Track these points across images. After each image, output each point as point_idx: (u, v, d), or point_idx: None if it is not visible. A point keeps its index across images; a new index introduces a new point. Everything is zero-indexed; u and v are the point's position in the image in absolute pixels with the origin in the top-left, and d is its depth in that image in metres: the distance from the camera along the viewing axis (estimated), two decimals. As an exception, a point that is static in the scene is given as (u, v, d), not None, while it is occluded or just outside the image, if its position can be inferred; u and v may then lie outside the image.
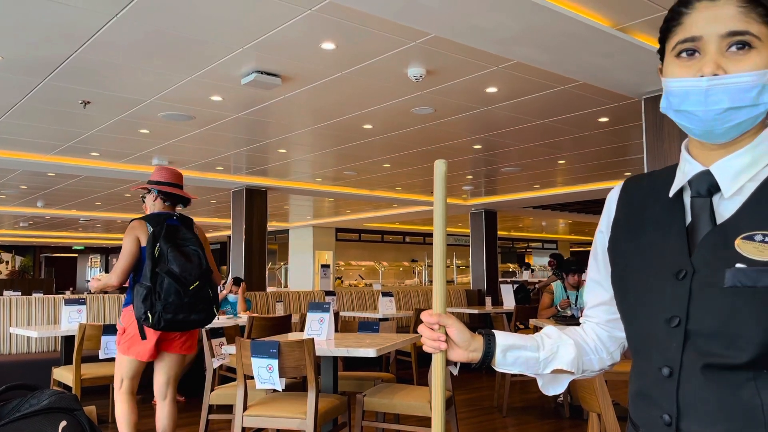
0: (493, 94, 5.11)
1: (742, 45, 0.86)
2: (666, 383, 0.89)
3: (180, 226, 3.34)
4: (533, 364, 1.07)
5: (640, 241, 0.97)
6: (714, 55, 0.87)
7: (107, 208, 13.01)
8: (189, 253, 3.25)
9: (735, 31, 0.86)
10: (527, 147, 7.17)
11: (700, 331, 0.86)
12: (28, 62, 4.36)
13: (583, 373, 1.10)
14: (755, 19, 0.86)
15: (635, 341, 0.98)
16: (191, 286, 3.20)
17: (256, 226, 9.03)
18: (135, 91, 5.04)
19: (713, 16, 0.87)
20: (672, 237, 0.92)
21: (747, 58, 0.86)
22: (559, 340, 1.09)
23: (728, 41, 0.86)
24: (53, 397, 1.50)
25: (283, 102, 5.31)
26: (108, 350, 4.52)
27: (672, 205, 0.95)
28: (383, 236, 18.70)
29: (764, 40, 0.86)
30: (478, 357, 1.05)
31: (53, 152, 7.29)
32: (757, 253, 0.82)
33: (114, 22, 3.69)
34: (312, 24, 3.73)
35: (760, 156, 0.90)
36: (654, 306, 0.91)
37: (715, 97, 0.86)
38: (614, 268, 1.02)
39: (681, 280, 0.88)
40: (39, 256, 25.16)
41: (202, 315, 3.27)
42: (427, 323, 1.04)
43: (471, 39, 3.70)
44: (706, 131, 0.90)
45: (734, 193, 0.89)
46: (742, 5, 0.87)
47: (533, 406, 5.67)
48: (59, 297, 6.38)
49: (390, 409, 3.46)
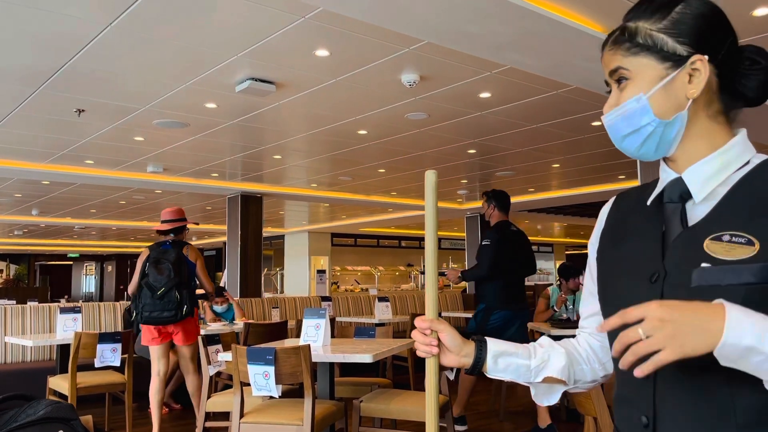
0: (487, 99, 5.14)
1: (621, 79, 0.98)
2: (643, 386, 0.91)
3: (169, 250, 4.51)
4: (524, 372, 1.09)
5: (622, 250, 1.00)
6: (613, 94, 1.00)
7: (102, 216, 12.98)
8: (162, 269, 4.42)
9: (611, 71, 0.99)
10: (521, 151, 7.20)
11: None
12: (23, 71, 4.37)
13: (575, 384, 1.11)
14: (622, 54, 0.97)
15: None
16: (158, 291, 4.37)
17: (252, 232, 9.03)
18: (129, 99, 5.05)
19: (603, 63, 1.02)
20: (648, 243, 0.95)
21: (625, 90, 0.97)
22: (551, 349, 1.10)
23: (614, 79, 0.99)
24: (50, 407, 1.50)
25: (278, 109, 5.32)
26: (104, 358, 4.50)
27: (651, 212, 0.99)
28: (379, 241, 18.70)
29: (635, 69, 0.96)
30: (470, 362, 1.07)
31: (48, 160, 7.28)
32: (725, 252, 0.85)
33: (108, 31, 3.70)
34: (306, 31, 3.75)
35: (730, 161, 0.94)
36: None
37: (614, 128, 0.99)
38: (599, 276, 1.06)
39: (654, 284, 0.91)
40: (34, 264, 25.06)
41: (171, 313, 4.39)
42: (420, 328, 1.06)
43: (464, 45, 3.73)
44: (633, 156, 1.01)
45: (705, 197, 0.93)
46: (611, 47, 1.00)
47: (530, 410, 5.67)
48: (54, 305, 6.36)
49: (387, 415, 3.46)
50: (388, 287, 17.38)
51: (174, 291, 4.39)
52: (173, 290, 4.39)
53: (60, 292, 21.58)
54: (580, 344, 1.14)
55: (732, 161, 0.94)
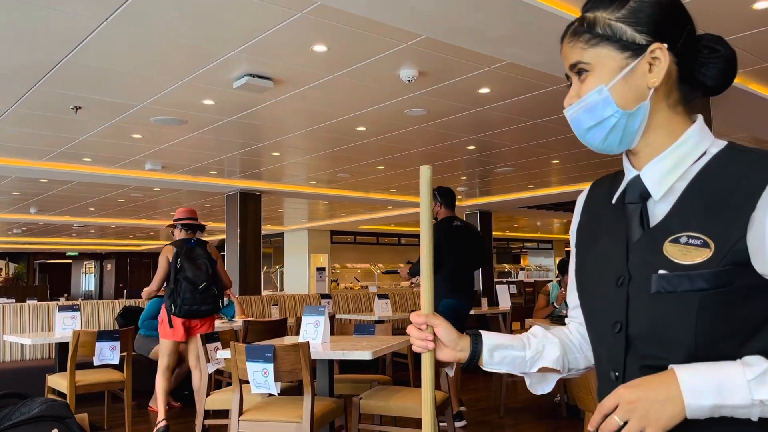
0: (486, 94, 5.12)
1: (581, 71, 0.97)
2: (614, 386, 0.92)
3: (195, 247, 4.76)
4: (520, 363, 1.09)
5: (595, 248, 1.02)
6: (573, 88, 0.99)
7: (101, 214, 12.95)
8: (199, 265, 4.66)
9: (571, 65, 0.98)
10: (521, 147, 7.18)
11: (638, 336, 0.91)
12: (18, 68, 4.34)
13: (569, 372, 1.12)
14: (581, 47, 0.96)
15: (592, 345, 1.04)
16: (200, 286, 4.61)
17: (251, 230, 9.01)
18: (126, 96, 5.02)
19: (563, 55, 1.01)
20: (615, 244, 0.97)
21: (587, 82, 0.96)
22: (545, 339, 1.11)
23: (575, 72, 0.98)
24: (44, 406, 1.49)
25: (276, 105, 5.30)
26: (102, 356, 4.48)
27: (617, 211, 1.00)
28: (378, 238, 18.69)
29: (594, 61, 0.95)
30: (466, 356, 1.07)
31: (45, 158, 7.25)
32: (682, 256, 0.87)
33: (103, 27, 3.67)
34: (303, 26, 3.73)
35: (687, 153, 0.94)
36: (602, 312, 0.97)
37: (576, 121, 0.98)
38: (576, 272, 1.08)
39: (620, 287, 0.93)
40: (33, 263, 25.04)
41: (210, 306, 4.67)
42: (416, 323, 1.06)
43: (462, 40, 3.70)
44: (597, 149, 1.00)
45: (665, 194, 0.93)
46: (569, 40, 0.98)
47: (530, 406, 5.66)
48: (53, 303, 6.34)
49: (386, 412, 3.45)
50: (387, 284, 17.38)
51: (213, 286, 4.67)
52: (212, 285, 4.67)
53: (59, 291, 21.57)
54: (572, 333, 1.15)
55: (689, 153, 0.93)
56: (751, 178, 0.86)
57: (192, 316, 4.63)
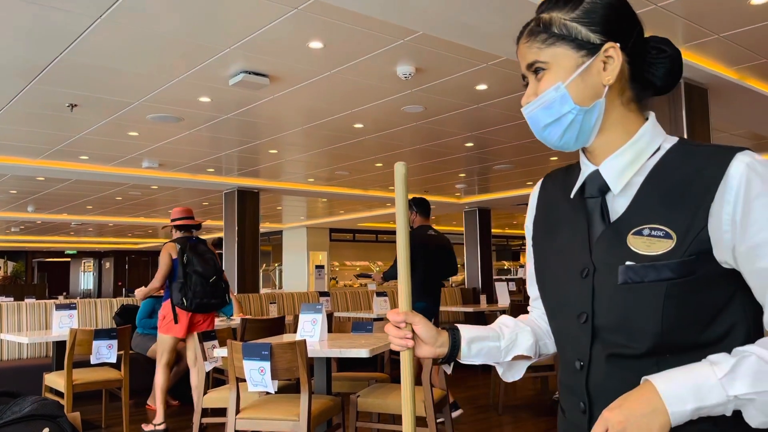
0: (484, 91, 5.10)
1: (538, 70, 0.99)
2: (579, 375, 0.97)
3: (198, 243, 4.90)
4: (495, 353, 1.11)
5: (555, 241, 1.05)
6: (529, 87, 1.01)
7: (99, 212, 12.93)
8: (207, 259, 4.79)
9: (528, 64, 1.00)
10: (519, 144, 7.17)
11: (605, 326, 0.94)
12: (13, 66, 4.32)
13: (539, 357, 1.16)
14: (538, 47, 0.98)
15: (555, 336, 1.07)
16: (210, 279, 4.72)
17: (249, 228, 8.99)
18: (122, 94, 5.00)
19: (520, 56, 1.03)
20: (577, 237, 1.00)
21: (543, 80, 0.98)
22: (517, 328, 1.14)
23: (531, 71, 1.00)
24: (35, 404, 1.47)
25: (272, 102, 5.28)
26: (99, 355, 4.47)
27: (576, 204, 1.03)
28: (377, 236, 18.67)
29: (551, 60, 0.97)
30: (445, 351, 1.08)
31: (42, 156, 7.23)
32: (645, 247, 0.90)
33: (98, 24, 3.65)
34: (299, 23, 3.71)
35: (642, 149, 0.97)
36: (567, 304, 1.00)
37: (534, 119, 1.00)
38: (536, 264, 1.10)
39: (585, 279, 0.96)
40: (31, 261, 25.02)
41: (219, 299, 4.79)
42: (394, 322, 1.06)
43: (459, 36, 3.69)
44: (554, 146, 1.01)
45: (623, 188, 0.97)
46: (526, 40, 1.01)
47: (529, 404, 5.66)
48: (51, 302, 6.33)
49: (384, 410, 3.44)
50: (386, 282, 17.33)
51: (220, 279, 4.82)
52: (220, 279, 4.82)
53: (58, 289, 21.54)
54: (539, 318, 1.18)
55: (644, 149, 0.97)
56: (707, 172, 0.89)
57: (203, 309, 4.72)
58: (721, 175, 0.88)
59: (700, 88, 4.62)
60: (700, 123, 4.56)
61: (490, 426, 4.89)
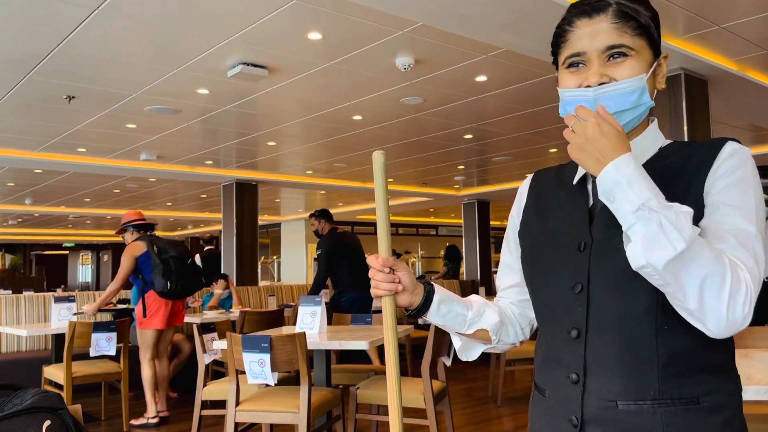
0: (483, 83, 5.08)
1: (619, 55, 0.99)
2: (574, 344, 0.99)
3: (159, 237, 5.03)
4: (460, 321, 1.13)
5: (548, 223, 1.08)
6: (597, 67, 0.99)
7: (97, 205, 12.90)
8: (177, 244, 4.98)
9: (612, 45, 0.99)
10: (518, 136, 7.16)
11: (600, 292, 0.97)
12: (10, 57, 4.29)
13: (498, 343, 1.18)
14: (628, 32, 0.99)
15: (543, 309, 1.09)
16: (188, 261, 4.82)
17: (247, 221, 8.97)
18: (120, 85, 4.97)
19: (592, 33, 1.00)
20: (576, 217, 1.04)
21: (624, 65, 0.99)
22: (485, 305, 1.17)
23: (607, 53, 0.99)
24: (37, 397, 1.47)
25: (271, 94, 5.26)
26: (99, 348, 4.47)
27: (576, 191, 1.07)
28: (375, 228, 18.64)
29: (638, 50, 0.99)
30: (419, 302, 1.09)
31: (39, 148, 7.20)
32: None
33: (96, 16, 3.62)
34: (298, 14, 3.68)
35: (646, 147, 1.04)
36: (560, 276, 1.03)
37: (606, 102, 0.98)
38: (524, 247, 1.13)
39: (582, 252, 1.00)
40: (29, 254, 24.99)
41: (199, 278, 4.92)
42: (380, 267, 1.05)
43: (458, 27, 3.67)
44: None
45: None
46: (615, 21, 0.99)
47: (527, 395, 5.67)
48: (49, 295, 6.32)
49: (384, 401, 3.44)
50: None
51: (194, 262, 4.93)
52: (194, 261, 4.93)
53: (56, 282, 21.50)
54: (506, 307, 1.21)
55: (648, 146, 1.04)
56: (700, 154, 0.98)
57: (188, 290, 4.80)
58: (715, 155, 0.96)
59: (700, 80, 4.61)
60: (700, 114, 4.55)
61: (489, 417, 4.91)
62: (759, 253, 0.90)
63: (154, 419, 4.69)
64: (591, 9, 1.00)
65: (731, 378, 0.98)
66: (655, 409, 0.93)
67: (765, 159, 8.26)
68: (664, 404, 0.93)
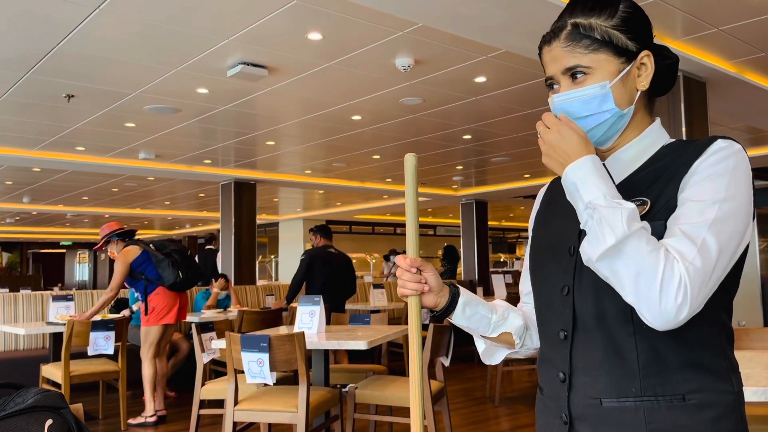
0: (482, 83, 5.09)
1: (579, 74, 1.03)
2: (563, 345, 1.04)
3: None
4: (485, 324, 1.15)
5: (550, 227, 1.13)
6: (565, 87, 1.05)
7: (95, 203, 12.88)
8: (172, 240, 5.37)
9: (567, 68, 1.04)
10: (517, 137, 7.16)
11: (582, 295, 1.02)
12: (10, 56, 4.29)
13: (522, 347, 1.19)
14: (580, 51, 1.03)
15: (540, 311, 1.12)
16: (188, 252, 5.02)
17: (246, 220, 8.97)
18: (119, 84, 4.97)
19: (552, 58, 1.06)
20: (571, 222, 1.05)
21: (586, 83, 1.03)
22: (509, 309, 1.19)
23: (568, 75, 1.04)
24: (39, 396, 1.47)
25: (270, 93, 5.26)
26: (97, 346, 4.47)
27: None
28: (374, 228, 18.67)
29: (595, 66, 1.02)
30: (444, 303, 1.11)
31: (38, 147, 7.19)
32: None
33: (96, 15, 3.63)
34: (298, 14, 3.69)
35: (646, 148, 1.06)
36: (552, 279, 1.07)
37: (568, 109, 1.04)
38: (531, 253, 1.18)
39: (572, 256, 1.04)
40: (26, 252, 24.93)
41: (199, 272, 5.03)
42: (407, 267, 1.07)
43: (458, 28, 3.68)
44: None
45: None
46: (566, 44, 1.03)
47: (525, 395, 5.69)
48: (47, 293, 6.31)
49: (382, 401, 3.45)
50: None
51: (192, 256, 5.10)
52: (192, 255, 5.09)
53: (53, 281, 21.48)
54: (529, 312, 1.22)
55: (648, 147, 1.06)
56: (689, 152, 1.00)
57: (195, 280, 4.92)
58: (701, 153, 0.98)
59: (698, 82, 4.62)
60: (698, 116, 4.56)
61: (486, 417, 4.92)
62: (709, 241, 0.90)
63: (152, 418, 4.69)
64: (550, 35, 1.06)
65: (723, 376, 0.98)
66: (638, 406, 0.96)
67: (762, 161, 8.29)
68: (647, 401, 0.95)
